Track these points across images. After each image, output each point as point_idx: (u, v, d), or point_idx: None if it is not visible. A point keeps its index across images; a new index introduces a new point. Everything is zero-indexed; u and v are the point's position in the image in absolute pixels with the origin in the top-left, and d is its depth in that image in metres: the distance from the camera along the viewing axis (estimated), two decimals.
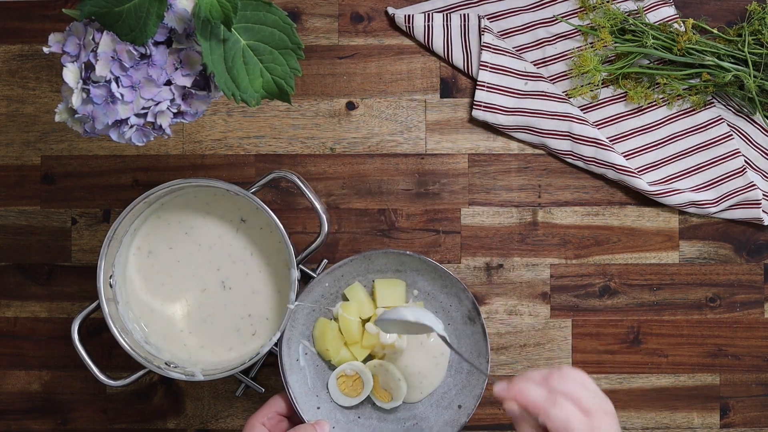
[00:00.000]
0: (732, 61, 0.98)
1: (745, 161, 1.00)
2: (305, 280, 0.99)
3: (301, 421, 0.90)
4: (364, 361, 0.94)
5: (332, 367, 0.94)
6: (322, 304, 0.93)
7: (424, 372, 0.94)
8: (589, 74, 0.98)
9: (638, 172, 1.00)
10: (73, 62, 0.73)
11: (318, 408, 0.92)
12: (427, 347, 0.94)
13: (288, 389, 0.90)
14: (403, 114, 1.01)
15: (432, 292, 0.94)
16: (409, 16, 1.00)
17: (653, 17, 0.99)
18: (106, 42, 0.72)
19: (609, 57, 1.00)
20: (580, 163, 1.00)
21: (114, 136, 0.75)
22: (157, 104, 0.74)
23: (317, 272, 0.98)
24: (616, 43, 0.98)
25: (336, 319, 0.94)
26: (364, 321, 0.94)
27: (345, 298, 0.95)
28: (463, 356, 0.87)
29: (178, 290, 0.95)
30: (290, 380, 0.90)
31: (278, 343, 0.90)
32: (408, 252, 0.91)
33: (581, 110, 1.00)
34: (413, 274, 0.94)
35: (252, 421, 0.87)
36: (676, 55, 0.98)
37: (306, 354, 0.94)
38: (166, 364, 0.91)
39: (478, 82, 1.00)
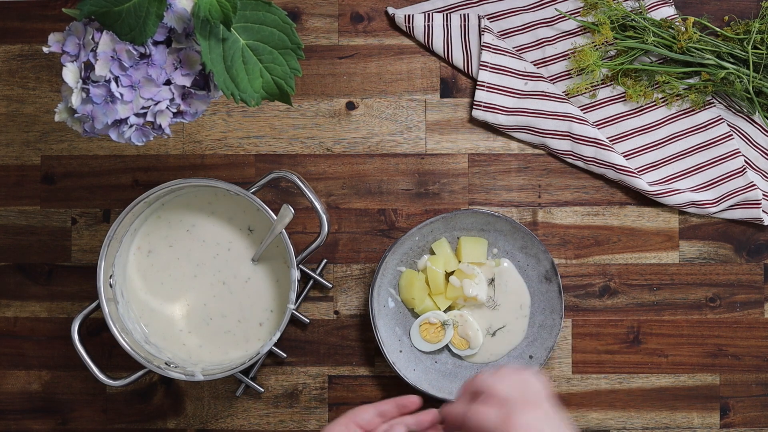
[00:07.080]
0: (732, 60, 0.98)
1: (745, 161, 1.00)
2: (305, 279, 0.99)
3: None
4: (445, 311, 0.99)
5: (414, 315, 0.99)
6: (409, 257, 0.98)
7: (508, 326, 0.99)
8: (589, 68, 0.98)
9: (638, 172, 1.00)
10: (72, 62, 0.73)
11: (400, 351, 0.98)
12: (509, 303, 0.99)
13: (376, 332, 0.95)
14: (403, 114, 1.01)
15: (511, 251, 0.99)
16: (409, 16, 1.00)
17: (653, 17, 0.99)
18: (105, 41, 0.72)
19: (609, 54, 1.00)
20: (580, 163, 1.00)
21: (114, 135, 0.75)
22: (156, 104, 0.74)
23: (317, 272, 0.98)
24: (616, 38, 0.98)
25: (422, 271, 0.98)
26: (448, 274, 0.98)
27: (431, 253, 0.99)
28: None
29: (177, 290, 0.95)
30: (378, 324, 0.96)
31: (370, 291, 0.95)
32: (496, 213, 0.96)
33: (581, 110, 1.00)
34: (496, 234, 0.98)
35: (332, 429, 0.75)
36: (676, 53, 0.98)
37: (391, 301, 1.00)
38: (166, 364, 0.91)
39: (478, 82, 0.99)
